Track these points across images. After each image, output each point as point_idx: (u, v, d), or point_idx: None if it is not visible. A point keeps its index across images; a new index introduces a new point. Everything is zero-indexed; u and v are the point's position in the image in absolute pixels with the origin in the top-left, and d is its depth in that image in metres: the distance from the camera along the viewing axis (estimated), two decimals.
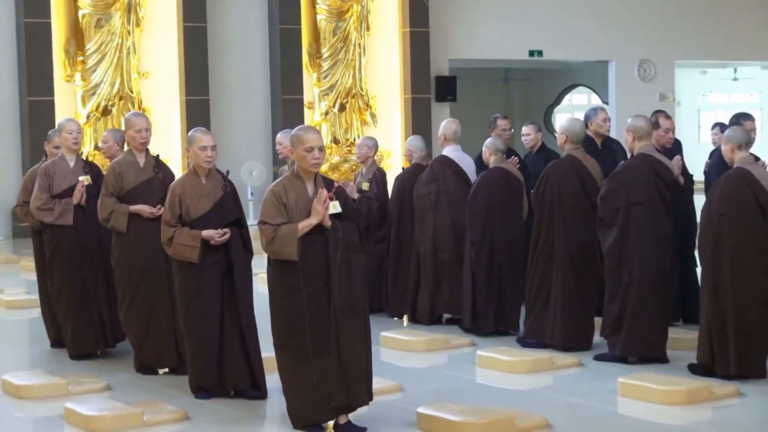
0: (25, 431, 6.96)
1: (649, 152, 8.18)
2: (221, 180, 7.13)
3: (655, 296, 7.98)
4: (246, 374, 7.00)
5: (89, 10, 17.51)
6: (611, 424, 6.59)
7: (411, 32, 19.72)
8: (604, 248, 8.11)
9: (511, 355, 8.11)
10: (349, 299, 6.12)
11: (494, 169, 9.21)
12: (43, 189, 8.19)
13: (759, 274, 7.41)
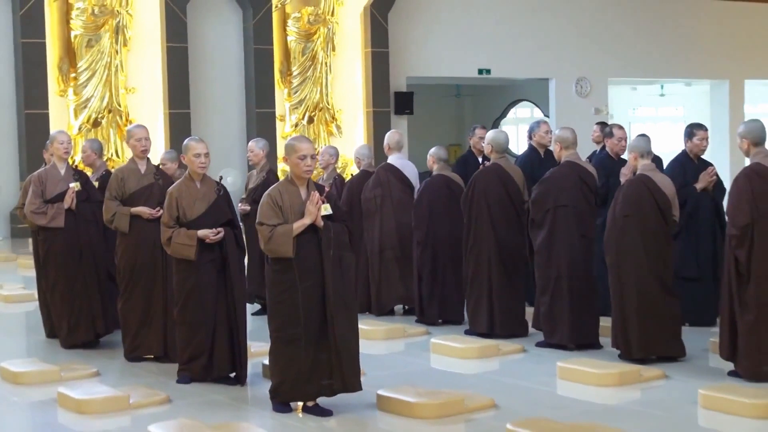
0: (21, 414, 6.90)
1: (575, 160, 8.29)
2: (215, 184, 7.16)
3: (582, 289, 8.10)
4: (230, 362, 7.00)
5: (81, 31, 17.44)
6: (551, 403, 6.61)
7: (372, 52, 19.74)
8: (535, 246, 8.21)
9: (462, 343, 8.16)
10: (342, 294, 6.17)
11: (437, 176, 9.31)
12: (37, 194, 8.20)
13: (660, 267, 7.60)
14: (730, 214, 7.14)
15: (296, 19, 19.21)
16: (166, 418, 6.15)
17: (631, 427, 5.84)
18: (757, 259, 6.96)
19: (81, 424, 6.36)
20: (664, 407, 6.64)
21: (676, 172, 8.84)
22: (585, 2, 22.19)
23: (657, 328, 7.55)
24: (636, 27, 22.76)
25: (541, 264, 8.20)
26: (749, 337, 6.97)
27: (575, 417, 6.03)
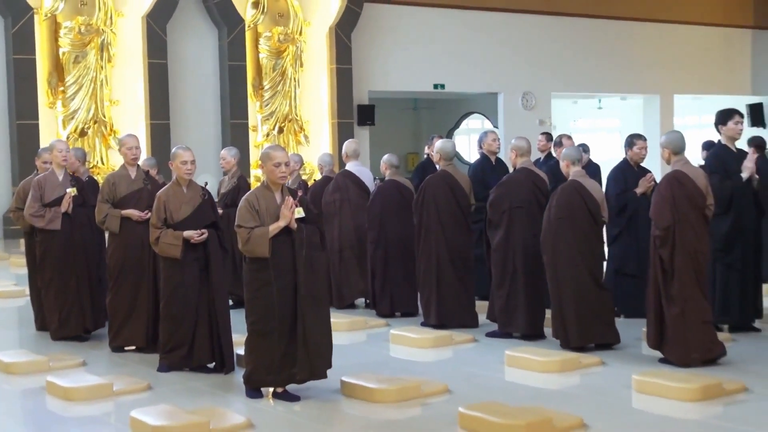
0: (12, 401, 6.83)
1: (529, 166, 8.32)
2: (200, 189, 7.16)
3: (536, 284, 8.12)
4: (209, 352, 7.00)
5: (68, 48, 17.32)
6: (500, 388, 6.64)
7: (337, 68, 19.73)
8: (493, 244, 8.25)
9: (418, 334, 8.18)
10: (313, 290, 6.17)
11: (389, 181, 9.39)
12: (36, 198, 8.17)
13: (592, 264, 7.68)
14: (653, 216, 7.21)
15: (267, 38, 19.18)
16: (147, 404, 6.12)
17: (571, 409, 5.86)
18: (679, 258, 7.04)
19: (68, 410, 6.32)
20: (601, 391, 6.68)
21: (618, 178, 8.92)
22: (530, 24, 22.30)
23: (592, 318, 7.62)
24: (576, 46, 22.92)
25: (498, 261, 8.23)
26: (677, 327, 7.04)
27: (521, 401, 6.04)
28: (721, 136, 8.17)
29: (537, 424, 5.44)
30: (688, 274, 7.04)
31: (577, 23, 22.93)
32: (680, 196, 7.08)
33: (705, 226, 7.15)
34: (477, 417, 5.56)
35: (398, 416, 6.01)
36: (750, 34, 25.95)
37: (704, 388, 6.18)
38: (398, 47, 20.72)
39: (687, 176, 7.17)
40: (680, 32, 24.56)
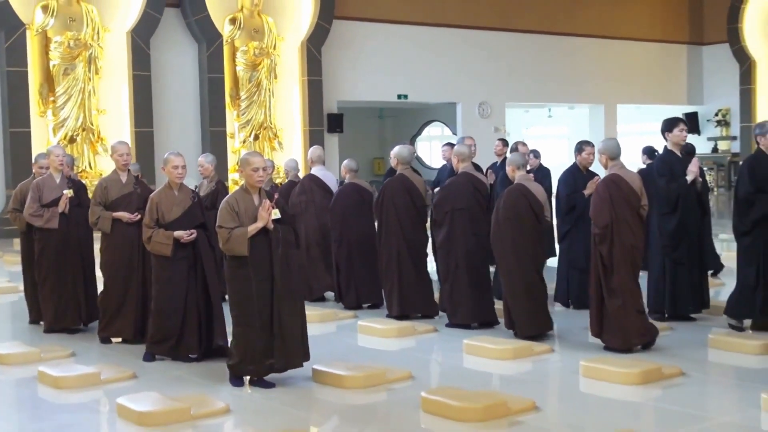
0: (6, 389, 6.75)
1: (469, 171, 8.37)
2: (191, 192, 7.14)
3: (477, 276, 8.21)
4: (197, 343, 6.96)
5: (58, 61, 17.18)
6: (459, 374, 6.64)
7: (308, 80, 19.73)
8: (438, 242, 8.35)
9: (383, 324, 8.17)
10: (288, 286, 6.16)
11: (349, 184, 9.45)
12: (35, 200, 8.11)
13: (535, 259, 7.72)
14: (593, 216, 7.26)
15: (244, 52, 19.12)
16: (133, 392, 6.08)
17: (524, 393, 5.89)
18: (617, 253, 7.09)
19: (58, 397, 6.26)
20: (551, 376, 6.73)
21: (568, 181, 8.95)
22: (486, 39, 22.39)
23: (535, 308, 7.68)
24: (528, 60, 23.06)
25: (442, 256, 8.33)
26: (617, 317, 7.09)
27: (479, 386, 6.07)
28: (667, 142, 8.22)
29: (493, 407, 5.46)
30: (626, 268, 7.11)
31: (529, 39, 23.06)
32: (617, 197, 7.15)
33: (640, 224, 7.24)
34: (438, 401, 5.57)
35: (366, 401, 6.02)
36: (685, 49, 26.24)
37: (645, 372, 6.23)
38: (365, 60, 20.75)
39: (623, 179, 7.25)
40: (622, 47, 24.78)
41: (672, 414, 5.64)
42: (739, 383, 6.34)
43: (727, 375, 6.62)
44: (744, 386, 6.19)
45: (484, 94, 22.55)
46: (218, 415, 5.65)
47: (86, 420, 5.77)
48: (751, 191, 7.44)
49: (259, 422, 5.58)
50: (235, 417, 5.72)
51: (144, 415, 5.50)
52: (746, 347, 7.00)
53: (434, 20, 21.65)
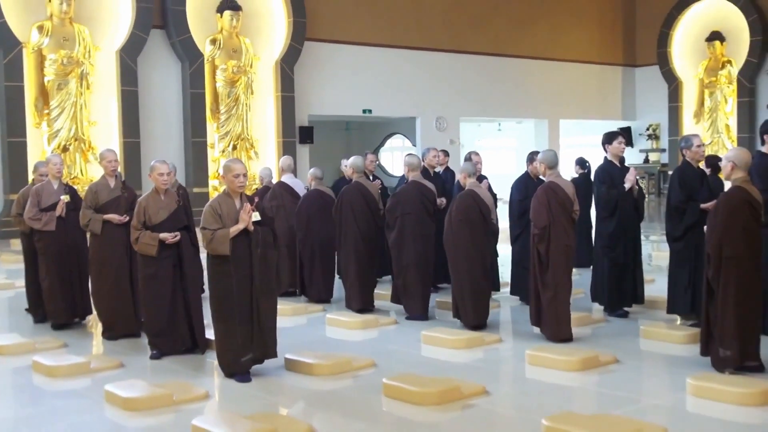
0: (3, 377, 6.66)
1: (419, 179, 8.45)
2: (176, 196, 7.07)
3: (426, 273, 8.30)
4: (187, 337, 6.88)
5: (52, 77, 16.97)
6: (417, 362, 6.64)
7: (282, 96, 19.69)
8: (390, 243, 8.40)
9: (349, 317, 8.17)
10: (266, 283, 6.11)
11: (313, 191, 9.56)
12: (34, 204, 8.03)
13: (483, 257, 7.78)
14: (533, 218, 7.32)
15: (223, 70, 19.03)
16: (119, 380, 6.02)
17: (476, 379, 5.90)
18: (553, 252, 7.16)
19: (51, 384, 6.19)
20: (500, 364, 6.75)
21: (520, 188, 8.98)
22: (443, 60, 22.47)
23: (480, 301, 7.72)
24: (480, 79, 23.17)
25: (395, 256, 8.41)
26: (549, 309, 7.16)
27: (435, 372, 6.06)
28: (607, 153, 8.30)
29: (447, 391, 5.47)
30: (560, 264, 7.18)
31: (481, 60, 23.18)
32: (554, 202, 7.22)
33: (572, 226, 7.33)
34: (398, 386, 5.57)
35: (333, 386, 6.00)
36: (620, 70, 26.51)
37: (583, 360, 6.27)
38: (333, 78, 20.74)
39: (559, 186, 7.33)
40: (564, 68, 24.99)
41: (608, 397, 5.68)
42: (668, 369, 6.40)
43: (657, 362, 6.68)
44: (672, 372, 6.25)
45: (440, 110, 22.62)
46: (198, 400, 5.61)
47: (77, 405, 5.71)
48: (682, 200, 7.50)
49: (236, 406, 5.54)
50: (214, 402, 5.68)
51: (129, 401, 5.45)
52: (674, 337, 7.08)
53: (396, 43, 21.70)
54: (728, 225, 5.95)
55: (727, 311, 5.93)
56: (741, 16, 23.67)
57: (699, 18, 24.75)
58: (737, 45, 23.93)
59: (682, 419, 5.14)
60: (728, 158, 6.17)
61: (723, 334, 5.96)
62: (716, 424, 5.02)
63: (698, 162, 7.75)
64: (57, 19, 16.96)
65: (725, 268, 5.93)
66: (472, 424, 5.13)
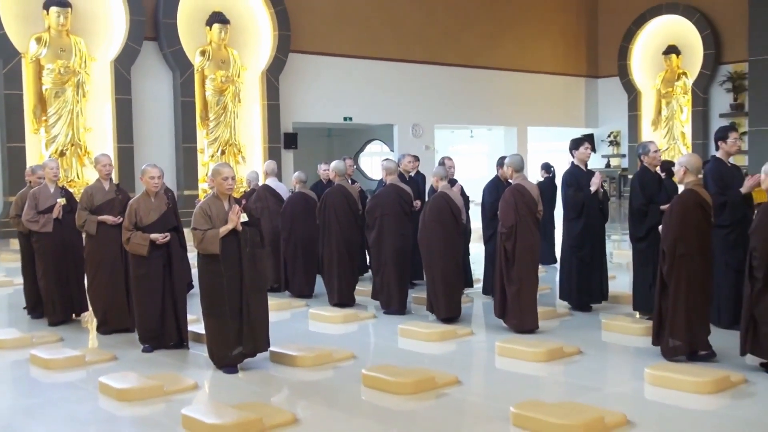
0: (2, 370, 6.58)
1: (396, 183, 8.48)
2: (165, 199, 7.01)
3: (403, 271, 8.33)
4: (175, 332, 6.82)
5: (50, 85, 16.77)
6: (394, 354, 6.65)
7: (267, 104, 19.61)
8: (370, 241, 8.43)
9: (330, 312, 8.17)
10: (255, 280, 6.07)
11: (297, 193, 9.60)
12: (31, 207, 7.97)
13: (455, 254, 7.85)
14: (501, 218, 7.36)
15: (212, 79, 18.92)
16: (113, 372, 5.98)
17: (449, 369, 5.91)
18: (519, 249, 7.21)
19: (47, 376, 6.14)
20: (471, 355, 6.76)
21: (492, 191, 9.00)
22: (419, 71, 22.48)
23: (452, 296, 7.75)
24: (454, 89, 23.21)
25: (374, 254, 8.43)
26: (514, 302, 7.20)
27: (411, 363, 6.07)
28: (574, 158, 8.34)
29: (422, 381, 5.48)
30: (525, 261, 7.23)
31: (455, 71, 23.22)
32: (520, 203, 7.27)
33: (536, 226, 7.38)
34: (376, 377, 5.57)
35: (315, 377, 5.99)
36: (583, 81, 26.65)
37: (549, 351, 6.30)
38: (316, 88, 20.70)
39: (525, 188, 7.37)
40: (532, 79, 25.09)
41: (572, 386, 5.71)
42: (628, 360, 6.44)
43: (617, 353, 6.72)
44: (631, 362, 6.29)
45: (416, 117, 22.64)
46: (187, 391, 5.58)
47: (72, 396, 5.66)
48: (644, 202, 7.54)
49: (223, 396, 5.51)
50: (202, 392, 5.65)
51: (122, 392, 5.41)
52: (633, 330, 7.13)
53: (375, 55, 21.69)
54: (682, 225, 6.01)
55: (678, 304, 6.01)
56: (695, 32, 23.87)
57: (656, 33, 24.93)
58: (692, 58, 24.12)
59: (640, 406, 5.17)
60: (681, 163, 6.24)
61: (673, 325, 6.04)
62: (672, 410, 5.05)
63: (655, 167, 7.81)
64: (54, 31, 16.80)
65: (678, 264, 6.00)
66: (445, 411, 5.13)
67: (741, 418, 4.88)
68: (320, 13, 20.71)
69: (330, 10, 20.89)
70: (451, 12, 23.05)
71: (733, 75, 23.16)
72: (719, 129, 7.44)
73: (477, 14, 23.58)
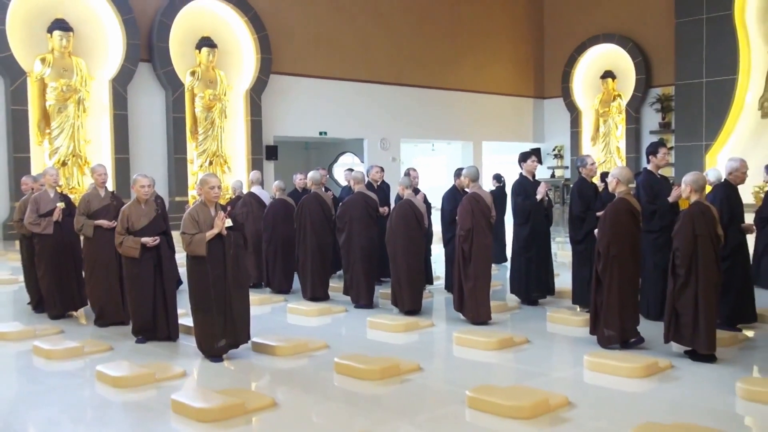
0: (7, 360, 6.44)
1: (363, 191, 8.49)
2: (155, 205, 6.93)
3: (370, 268, 8.33)
4: (165, 327, 6.72)
5: (53, 102, 16.52)
6: (364, 344, 6.63)
7: (251, 120, 19.51)
8: (340, 242, 8.41)
9: (307, 306, 8.12)
10: (238, 279, 6.01)
11: (278, 200, 9.53)
12: (33, 211, 7.84)
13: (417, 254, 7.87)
14: (459, 222, 7.40)
15: (201, 97, 18.78)
16: (109, 361, 5.90)
17: (412, 357, 5.91)
18: (475, 249, 7.24)
19: (49, 365, 6.03)
20: (432, 344, 6.76)
21: (450, 199, 9.01)
22: (387, 91, 22.51)
23: (415, 291, 7.76)
24: (417, 107, 23.27)
25: (344, 254, 8.45)
26: (471, 296, 7.22)
27: (378, 353, 6.05)
28: (522, 170, 8.37)
29: (388, 368, 5.47)
30: (480, 260, 7.26)
31: (418, 91, 23.29)
32: (476, 209, 7.30)
33: (490, 229, 7.39)
34: (347, 365, 5.55)
35: (292, 365, 5.95)
36: (531, 101, 26.87)
37: (500, 341, 6.33)
38: (294, 105, 20.63)
39: (480, 196, 7.41)
40: (486, 99, 25.24)
41: (520, 371, 5.73)
42: (569, 348, 6.48)
43: (560, 342, 6.76)
44: (573, 350, 6.33)
45: (384, 132, 22.65)
46: (177, 378, 5.52)
47: (71, 383, 5.57)
48: (582, 209, 7.61)
49: (209, 382, 5.46)
50: (190, 379, 5.59)
51: (117, 379, 5.33)
52: (574, 321, 7.18)
53: (347, 76, 21.67)
54: (614, 230, 6.09)
55: (611, 298, 6.09)
56: (628, 59, 24.18)
57: (595, 59, 25.21)
58: (625, 82, 24.43)
59: (581, 389, 5.20)
60: (614, 175, 6.32)
61: (607, 317, 6.11)
62: (609, 392, 5.10)
63: (591, 178, 7.88)
64: (57, 52, 16.58)
65: (611, 264, 6.08)
66: (408, 395, 5.12)
67: (668, 399, 4.93)
68: (298, 39, 20.65)
69: (307, 37, 20.84)
70: (416, 39, 23.14)
71: (662, 97, 23.50)
72: (650, 144, 7.52)
73: (438, 41, 23.67)
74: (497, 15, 25.38)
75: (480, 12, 24.78)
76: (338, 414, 4.77)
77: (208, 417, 4.55)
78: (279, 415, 4.70)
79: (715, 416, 4.57)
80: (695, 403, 4.81)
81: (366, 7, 22.03)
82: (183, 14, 18.41)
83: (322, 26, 21.07)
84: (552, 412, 4.61)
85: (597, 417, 4.57)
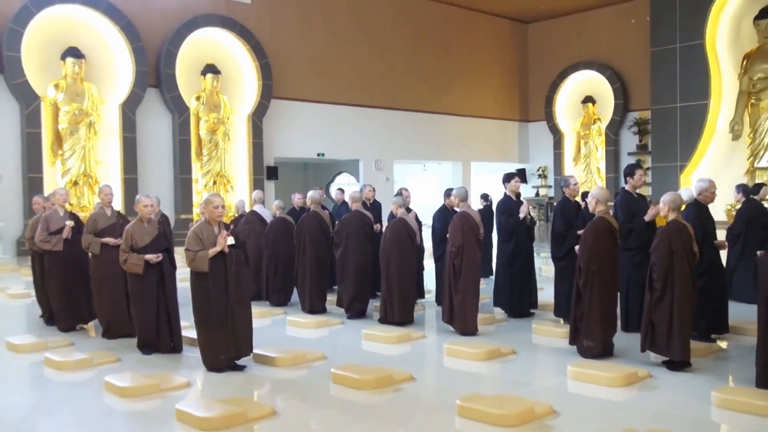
0: (20, 370, 6.40)
1: (360, 210, 8.51)
2: (157, 224, 6.90)
3: (364, 282, 8.36)
4: (169, 340, 6.68)
5: (66, 125, 16.51)
6: (359, 355, 6.60)
7: (253, 142, 19.52)
8: (337, 257, 8.40)
9: (305, 318, 8.10)
10: (239, 295, 5.97)
11: (278, 218, 9.52)
12: (44, 229, 7.82)
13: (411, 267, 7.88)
14: (450, 239, 7.41)
15: (205, 121, 18.80)
16: (116, 372, 5.87)
17: (405, 368, 5.90)
18: (465, 265, 7.24)
19: (59, 376, 6.00)
20: (424, 355, 6.74)
21: (440, 217, 9.02)
22: (381, 115, 22.59)
23: (406, 304, 7.75)
24: (410, 130, 23.34)
25: (340, 268, 8.44)
26: (460, 309, 7.21)
27: (373, 363, 6.03)
28: (506, 189, 8.40)
29: (382, 378, 5.45)
30: (470, 274, 7.26)
31: (410, 115, 23.38)
32: (466, 227, 7.31)
33: (478, 246, 7.40)
34: (344, 375, 5.53)
35: (291, 375, 5.92)
36: (517, 124, 27.00)
37: (488, 351, 6.31)
38: (294, 129, 20.67)
39: (469, 215, 7.43)
40: (475, 122, 25.35)
41: (507, 381, 5.72)
42: (554, 359, 6.47)
43: (545, 353, 6.75)
44: (557, 361, 6.33)
45: (378, 153, 22.70)
46: (181, 388, 5.49)
47: (81, 393, 5.53)
48: (564, 228, 7.62)
49: (212, 393, 5.42)
50: (194, 389, 5.55)
51: (124, 389, 5.31)
52: (558, 333, 7.18)
53: (344, 101, 21.75)
54: (594, 247, 6.11)
55: (592, 312, 6.10)
56: (607, 84, 24.35)
57: (576, 85, 25.39)
58: (605, 106, 24.59)
59: (564, 398, 5.19)
60: (593, 195, 6.35)
61: (587, 329, 6.12)
62: (590, 401, 5.09)
63: (574, 197, 7.90)
64: (70, 78, 16.60)
65: (591, 278, 6.09)
66: (401, 404, 5.10)
67: (647, 407, 4.93)
68: (298, 66, 20.74)
69: (306, 64, 20.93)
70: (408, 66, 23.26)
71: (639, 120, 23.65)
72: (627, 166, 7.56)
73: (430, 68, 23.80)
74: (485, 44, 25.57)
75: (469, 41, 24.96)
76: (335, 422, 4.74)
77: (210, 425, 4.52)
78: (279, 423, 4.67)
79: (692, 424, 4.56)
80: (673, 411, 4.81)
81: (362, 36, 22.16)
82: (189, 42, 18.47)
83: (320, 54, 21.17)
84: (537, 419, 4.60)
85: (580, 424, 4.56)
